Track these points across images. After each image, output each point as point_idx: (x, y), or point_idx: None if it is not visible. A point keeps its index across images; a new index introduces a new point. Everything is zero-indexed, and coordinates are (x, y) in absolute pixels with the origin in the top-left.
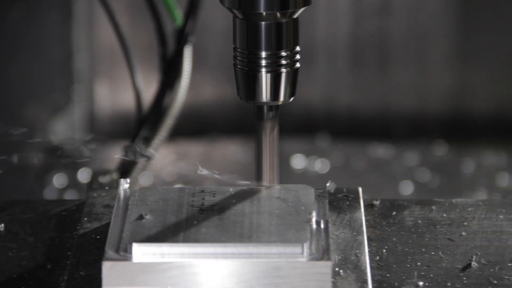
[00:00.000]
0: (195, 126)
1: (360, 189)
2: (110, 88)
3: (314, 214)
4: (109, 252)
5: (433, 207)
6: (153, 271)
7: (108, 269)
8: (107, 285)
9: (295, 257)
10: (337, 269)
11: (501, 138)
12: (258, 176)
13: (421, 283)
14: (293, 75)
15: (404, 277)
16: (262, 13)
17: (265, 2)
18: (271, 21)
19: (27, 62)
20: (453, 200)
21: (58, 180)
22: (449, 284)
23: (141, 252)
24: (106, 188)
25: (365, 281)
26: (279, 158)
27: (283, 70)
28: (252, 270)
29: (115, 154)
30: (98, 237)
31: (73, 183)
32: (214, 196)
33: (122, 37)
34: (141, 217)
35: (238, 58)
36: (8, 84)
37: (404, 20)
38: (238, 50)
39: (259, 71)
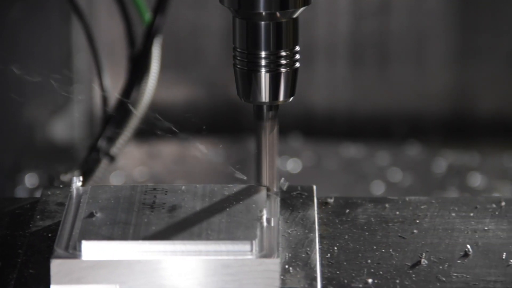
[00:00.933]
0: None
1: (314, 187)
2: (110, 88)
3: (264, 212)
4: (58, 250)
5: (387, 205)
6: (102, 268)
7: (57, 266)
8: (56, 283)
9: (243, 254)
10: (286, 266)
11: (501, 138)
12: (258, 176)
13: (370, 280)
14: (293, 75)
15: (354, 274)
16: (261, 13)
17: (264, 1)
18: (270, 20)
19: (27, 62)
20: (407, 198)
21: (30, 179)
22: (397, 281)
23: (90, 249)
24: (61, 186)
25: (314, 279)
26: (278, 158)
27: (283, 70)
28: (201, 267)
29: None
30: (49, 235)
31: (45, 183)
32: (166, 194)
33: (90, 35)
34: (91, 215)
35: (238, 58)
36: (8, 84)
37: (404, 20)
38: (238, 50)
39: (259, 71)
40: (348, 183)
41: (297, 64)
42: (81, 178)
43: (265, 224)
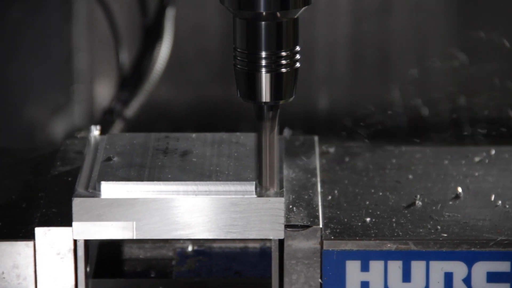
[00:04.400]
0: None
1: (316, 137)
2: (110, 88)
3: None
4: (79, 189)
5: (384, 154)
6: (120, 206)
7: (78, 204)
8: (77, 220)
9: (250, 193)
10: (290, 206)
11: (502, 138)
12: (258, 176)
13: (368, 219)
14: (293, 75)
15: (353, 214)
16: (262, 13)
17: (265, 2)
18: (271, 21)
19: (27, 62)
20: (403, 148)
21: None
22: (393, 219)
23: (109, 189)
24: (78, 136)
25: (317, 217)
26: (278, 158)
27: (283, 70)
28: (211, 205)
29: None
30: (69, 179)
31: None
32: (177, 141)
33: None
34: (109, 159)
35: (238, 58)
36: (8, 84)
37: (404, 20)
38: (238, 50)
39: (259, 71)
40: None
41: (298, 64)
42: (98, 127)
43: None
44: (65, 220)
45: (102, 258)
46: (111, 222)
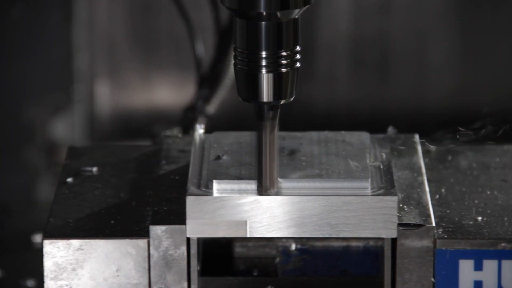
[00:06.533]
0: None
1: (417, 136)
2: (110, 88)
3: (379, 155)
4: (192, 188)
5: (487, 152)
6: (232, 205)
7: (191, 203)
8: (191, 218)
9: (363, 192)
10: (401, 205)
11: (503, 139)
12: (258, 176)
13: (479, 218)
14: (294, 75)
15: (463, 213)
16: (262, 13)
17: (265, 1)
18: (271, 20)
19: (27, 62)
20: (505, 146)
21: None
22: (505, 218)
23: (221, 188)
24: (179, 135)
25: (429, 215)
26: (278, 158)
27: (284, 70)
28: (324, 204)
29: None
30: (176, 177)
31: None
32: (283, 140)
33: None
34: (218, 158)
35: (238, 58)
36: (8, 84)
37: (405, 20)
38: (238, 50)
39: (259, 71)
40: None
41: (298, 64)
42: (203, 126)
43: (380, 166)
44: (177, 218)
45: (204, 257)
46: (225, 220)
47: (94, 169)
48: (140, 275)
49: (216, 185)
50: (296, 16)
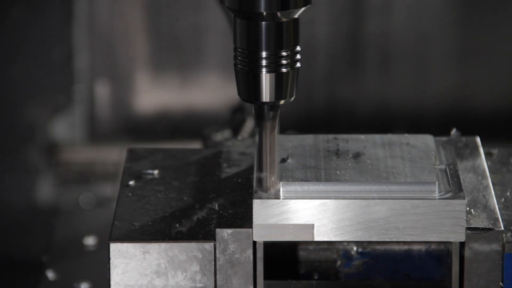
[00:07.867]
0: None
1: (478, 138)
2: (110, 88)
3: (443, 158)
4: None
5: None
6: (299, 208)
7: (258, 206)
8: (258, 221)
9: (431, 196)
10: (468, 208)
11: (502, 138)
12: (258, 176)
13: None
14: (294, 75)
15: None
16: (262, 13)
17: (265, 1)
18: (271, 21)
19: (27, 62)
20: None
21: None
22: None
23: (288, 190)
24: (239, 138)
25: (497, 219)
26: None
27: (284, 70)
28: (391, 208)
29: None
30: (239, 180)
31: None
32: (347, 143)
33: None
34: (283, 160)
35: (239, 58)
36: (8, 83)
37: (405, 20)
38: (239, 50)
39: (260, 71)
40: None
41: (298, 64)
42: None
43: (446, 169)
44: (243, 221)
45: (265, 260)
46: (291, 223)
47: (155, 172)
48: (206, 278)
49: (283, 188)
50: (296, 16)
